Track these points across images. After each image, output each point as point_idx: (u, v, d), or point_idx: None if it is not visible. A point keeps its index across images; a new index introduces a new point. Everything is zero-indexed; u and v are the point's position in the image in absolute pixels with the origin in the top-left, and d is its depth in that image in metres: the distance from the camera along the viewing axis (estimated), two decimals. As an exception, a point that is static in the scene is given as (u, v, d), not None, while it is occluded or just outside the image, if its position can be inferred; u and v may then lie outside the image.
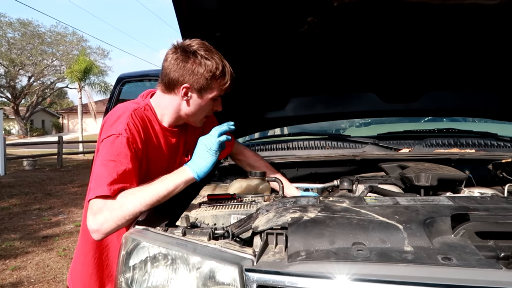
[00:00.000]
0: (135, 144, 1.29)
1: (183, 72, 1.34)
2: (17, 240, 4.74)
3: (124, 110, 1.34)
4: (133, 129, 1.30)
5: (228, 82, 1.40)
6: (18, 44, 27.28)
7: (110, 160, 1.22)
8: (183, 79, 1.35)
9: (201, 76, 1.34)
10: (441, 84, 2.11)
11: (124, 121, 1.29)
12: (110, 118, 1.34)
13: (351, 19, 1.63)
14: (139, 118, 1.34)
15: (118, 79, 4.07)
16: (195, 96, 1.39)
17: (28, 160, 12.05)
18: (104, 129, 1.32)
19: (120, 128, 1.27)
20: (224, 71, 1.37)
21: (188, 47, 1.35)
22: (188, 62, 1.33)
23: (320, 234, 0.91)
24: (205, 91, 1.38)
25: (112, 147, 1.24)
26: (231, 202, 1.35)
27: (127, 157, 1.24)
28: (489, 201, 1.08)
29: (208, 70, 1.33)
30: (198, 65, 1.33)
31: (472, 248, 0.86)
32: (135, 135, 1.29)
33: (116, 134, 1.26)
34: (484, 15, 1.57)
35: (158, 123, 1.43)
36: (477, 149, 1.95)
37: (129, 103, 1.41)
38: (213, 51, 1.38)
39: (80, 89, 19.60)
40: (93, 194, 1.19)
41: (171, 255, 0.96)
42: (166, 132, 1.45)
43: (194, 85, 1.35)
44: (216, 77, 1.36)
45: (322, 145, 2.07)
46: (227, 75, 1.39)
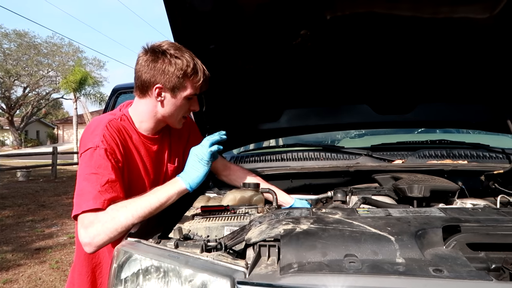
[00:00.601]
0: (113, 154, 1.28)
1: (154, 73, 1.34)
2: (9, 253, 4.67)
3: (99, 122, 1.35)
4: (110, 139, 1.29)
5: (201, 79, 1.38)
6: (14, 55, 27.27)
7: (91, 174, 1.22)
8: (155, 80, 1.34)
9: (172, 75, 1.33)
10: (434, 96, 2.14)
11: (100, 132, 1.29)
12: (86, 132, 1.34)
13: (344, 32, 1.65)
14: (115, 128, 1.33)
15: (113, 90, 4.08)
16: (169, 96, 1.38)
17: (22, 171, 11.95)
18: (81, 143, 1.32)
19: (96, 140, 1.27)
20: (195, 69, 1.36)
21: (157, 48, 1.35)
22: (158, 62, 1.33)
23: (313, 246, 0.91)
24: (178, 90, 1.37)
25: (91, 160, 1.24)
26: (225, 213, 1.35)
27: (107, 168, 1.24)
28: (480, 212, 1.09)
29: (178, 68, 1.33)
30: (168, 64, 1.33)
31: (463, 260, 0.86)
32: (112, 146, 1.29)
33: (93, 147, 1.26)
34: (475, 29, 1.60)
35: (136, 132, 1.42)
36: (470, 160, 1.96)
37: (105, 115, 1.41)
38: (183, 49, 1.37)
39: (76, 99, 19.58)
40: (78, 209, 1.18)
41: (163, 267, 0.95)
42: (146, 140, 1.45)
43: (166, 84, 1.35)
44: (188, 75, 1.35)
45: (316, 156, 2.07)
46: (199, 73, 1.38)
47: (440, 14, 1.52)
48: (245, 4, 1.50)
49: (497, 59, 1.78)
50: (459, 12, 1.52)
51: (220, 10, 1.51)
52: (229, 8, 1.50)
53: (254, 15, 1.55)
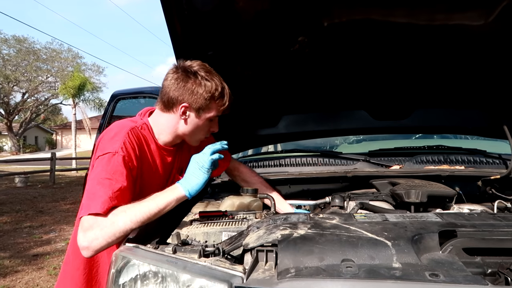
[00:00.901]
0: (130, 162, 1.30)
1: (183, 92, 1.37)
2: (6, 259, 4.65)
3: (121, 128, 1.36)
4: (130, 147, 1.30)
5: (227, 103, 1.43)
6: (13, 60, 27.33)
7: (105, 178, 1.23)
8: (182, 98, 1.37)
9: (200, 96, 1.37)
10: (431, 102, 2.15)
11: (121, 139, 1.30)
12: (106, 136, 1.35)
13: (341, 39, 1.67)
14: (135, 137, 1.35)
15: (112, 96, 4.10)
16: (193, 116, 1.41)
17: (20, 177, 11.92)
18: (100, 146, 1.33)
19: (116, 146, 1.28)
20: (223, 93, 1.41)
21: (189, 68, 1.39)
22: (188, 82, 1.36)
23: (310, 251, 0.91)
24: (203, 111, 1.40)
25: (108, 165, 1.25)
26: (223, 219, 1.36)
27: (122, 175, 1.25)
28: (477, 217, 1.10)
29: (207, 91, 1.37)
30: (198, 85, 1.36)
31: (460, 265, 0.87)
32: (131, 154, 1.30)
33: (112, 152, 1.27)
34: (470, 35, 1.62)
35: (154, 142, 1.44)
36: (467, 165, 1.97)
37: (126, 121, 1.43)
38: (213, 73, 1.41)
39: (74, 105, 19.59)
40: (86, 211, 1.19)
41: (161, 272, 0.96)
42: (162, 151, 1.47)
43: (193, 104, 1.38)
44: (215, 98, 1.39)
45: (314, 162, 2.08)
46: (226, 97, 1.42)
47: (435, 21, 1.54)
48: (243, 10, 1.51)
49: (493, 65, 1.80)
50: (455, 19, 1.54)
51: (219, 16, 1.53)
52: (228, 14, 1.52)
53: (252, 22, 1.56)
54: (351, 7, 1.51)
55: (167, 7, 1.44)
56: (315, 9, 1.51)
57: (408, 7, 1.48)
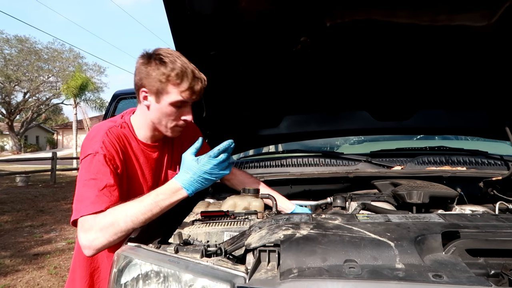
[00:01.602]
0: (112, 160, 1.29)
1: (142, 76, 1.34)
2: (7, 258, 4.65)
3: (99, 129, 1.36)
4: (110, 146, 1.30)
5: (187, 87, 1.33)
6: (14, 60, 27.34)
7: (90, 179, 1.23)
8: (141, 83, 1.35)
9: (154, 78, 1.32)
10: (432, 102, 2.15)
11: (100, 139, 1.30)
12: (86, 139, 1.35)
13: (343, 39, 1.67)
14: (114, 135, 1.34)
15: (114, 96, 4.09)
16: (153, 101, 1.36)
17: (21, 176, 11.93)
18: (82, 150, 1.33)
19: (96, 147, 1.28)
20: (181, 75, 1.31)
21: (152, 52, 1.35)
22: (148, 66, 1.33)
23: (312, 251, 0.91)
24: (161, 94, 1.34)
25: (90, 166, 1.25)
26: (225, 219, 1.35)
27: (106, 173, 1.25)
28: (480, 218, 1.09)
29: (161, 73, 1.31)
30: (155, 68, 1.32)
31: (463, 266, 0.86)
32: (112, 152, 1.30)
33: (93, 153, 1.27)
34: (473, 36, 1.62)
35: (136, 140, 1.43)
36: (468, 167, 1.97)
37: (105, 122, 1.42)
38: (177, 56, 1.34)
39: (76, 105, 19.60)
40: (77, 214, 1.19)
41: (163, 272, 0.96)
42: (145, 147, 1.45)
43: (150, 88, 1.34)
44: (171, 80, 1.31)
45: (315, 162, 2.08)
46: (186, 80, 1.32)
47: (438, 22, 1.54)
48: (245, 11, 1.51)
49: (495, 66, 1.79)
50: (457, 20, 1.54)
51: (221, 17, 1.53)
52: (230, 15, 1.52)
53: (254, 22, 1.56)
54: (353, 7, 1.50)
55: (169, 8, 1.44)
56: (317, 10, 1.51)
57: (411, 7, 1.48)
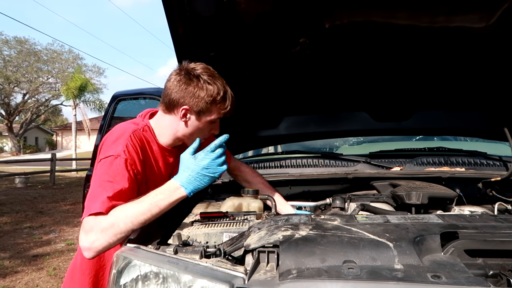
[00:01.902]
0: (133, 165, 1.30)
1: (184, 94, 1.37)
2: (6, 259, 4.64)
3: (123, 131, 1.36)
4: (132, 150, 1.31)
5: (228, 107, 1.42)
6: (14, 61, 27.34)
7: (107, 181, 1.23)
8: (184, 101, 1.37)
9: (201, 100, 1.36)
10: (431, 103, 2.15)
11: (123, 142, 1.31)
12: (109, 139, 1.35)
13: (342, 41, 1.67)
14: (138, 139, 1.35)
15: (113, 97, 4.09)
16: (194, 118, 1.41)
17: (20, 178, 11.91)
18: (103, 149, 1.33)
19: (119, 150, 1.28)
20: (225, 97, 1.40)
21: (192, 70, 1.38)
22: (191, 85, 1.36)
23: (311, 252, 0.91)
24: (204, 114, 1.40)
25: (110, 168, 1.25)
26: (224, 220, 1.35)
27: (124, 177, 1.25)
28: (478, 219, 1.10)
29: (209, 95, 1.36)
30: (200, 88, 1.36)
31: (461, 266, 0.87)
32: (133, 157, 1.31)
33: (114, 155, 1.27)
34: (472, 37, 1.62)
35: (156, 143, 1.45)
36: (467, 167, 1.97)
37: (128, 124, 1.43)
38: (217, 76, 1.41)
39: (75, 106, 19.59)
40: (87, 212, 1.19)
41: (163, 273, 0.96)
42: (164, 152, 1.47)
43: (193, 107, 1.38)
44: (217, 102, 1.39)
45: (315, 163, 2.08)
46: (228, 101, 1.41)
47: (437, 23, 1.54)
48: (245, 12, 1.52)
49: (494, 67, 1.80)
50: (456, 22, 1.54)
51: (220, 18, 1.53)
52: (229, 16, 1.52)
53: (253, 23, 1.57)
54: (352, 9, 1.51)
55: (169, 9, 1.44)
56: (316, 11, 1.51)
57: (410, 9, 1.48)
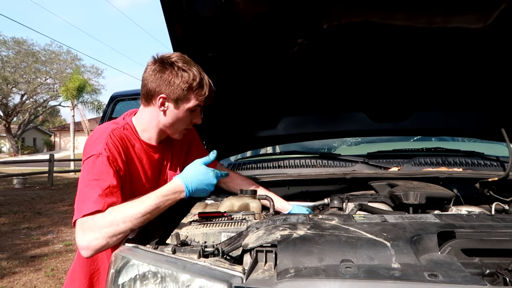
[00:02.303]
0: (115, 162, 1.30)
1: (160, 83, 1.36)
2: (4, 260, 4.63)
3: (103, 131, 1.37)
4: (113, 148, 1.31)
5: (206, 93, 1.41)
6: (12, 62, 27.28)
7: (93, 180, 1.23)
8: (160, 90, 1.37)
9: (177, 87, 1.36)
10: (429, 104, 2.16)
11: (103, 141, 1.31)
12: (89, 140, 1.36)
13: (340, 41, 1.68)
14: (117, 137, 1.36)
15: (111, 97, 4.09)
16: (172, 107, 1.40)
17: (18, 178, 11.88)
18: (85, 151, 1.34)
19: (99, 148, 1.29)
20: (201, 83, 1.39)
21: (166, 59, 1.38)
22: (165, 72, 1.36)
23: (309, 251, 0.91)
24: (182, 101, 1.39)
25: (93, 167, 1.26)
26: (222, 220, 1.35)
27: (109, 174, 1.26)
28: (475, 218, 1.10)
29: (184, 81, 1.36)
30: (174, 76, 1.36)
31: (458, 265, 0.87)
32: (115, 154, 1.31)
33: (96, 154, 1.28)
34: (469, 38, 1.63)
35: (139, 140, 1.45)
36: (465, 168, 1.98)
37: (108, 124, 1.43)
38: (192, 63, 1.40)
39: (73, 107, 19.57)
40: (79, 213, 1.19)
41: (161, 273, 0.96)
42: (148, 148, 1.47)
43: (170, 95, 1.38)
44: (193, 88, 1.38)
45: (313, 163, 2.09)
46: (205, 87, 1.40)
47: (434, 24, 1.55)
48: (243, 13, 1.52)
49: (491, 67, 1.81)
50: (453, 22, 1.55)
51: (219, 18, 1.53)
52: (228, 17, 1.52)
53: (252, 24, 1.57)
54: (350, 9, 1.52)
55: (167, 9, 1.45)
56: (314, 12, 1.52)
57: (407, 10, 1.49)
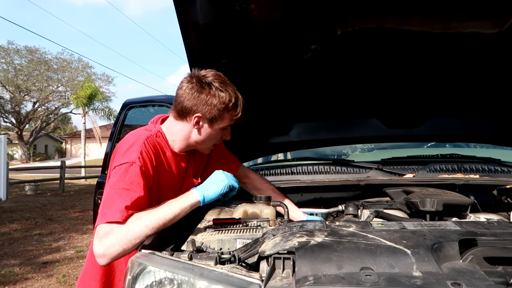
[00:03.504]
0: (147, 172, 1.31)
1: (197, 102, 1.38)
2: (16, 266, 4.67)
3: (137, 138, 1.37)
4: (146, 157, 1.32)
5: (240, 114, 1.44)
6: (24, 70, 27.79)
7: (123, 189, 1.24)
8: (196, 109, 1.38)
9: (214, 107, 1.38)
10: (444, 110, 2.14)
11: (138, 149, 1.31)
12: (122, 146, 1.36)
13: (354, 47, 1.67)
14: (151, 145, 1.37)
15: (124, 104, 4.12)
16: (206, 126, 1.42)
17: (30, 185, 12.03)
18: (117, 156, 1.34)
19: (133, 156, 1.29)
20: (236, 103, 1.42)
21: (203, 78, 1.39)
22: (203, 93, 1.37)
23: (328, 258, 0.90)
24: (216, 121, 1.42)
25: (125, 175, 1.26)
26: (237, 226, 1.35)
27: (140, 185, 1.26)
28: (496, 226, 1.08)
29: (221, 102, 1.38)
30: (212, 96, 1.37)
31: (481, 274, 0.85)
32: (147, 163, 1.32)
33: (129, 163, 1.28)
34: (485, 43, 1.61)
35: (169, 149, 1.46)
36: (481, 174, 1.95)
37: (141, 130, 1.44)
38: (227, 83, 1.42)
39: (84, 114, 19.81)
40: (103, 219, 1.19)
41: (177, 279, 0.95)
42: (176, 157, 1.48)
43: (206, 115, 1.39)
44: (229, 109, 1.40)
45: (326, 170, 2.07)
46: (239, 107, 1.43)
47: (449, 29, 1.54)
48: (257, 20, 1.53)
49: (507, 73, 1.78)
50: (469, 28, 1.54)
51: (233, 26, 1.54)
52: (241, 23, 1.53)
53: (265, 31, 1.58)
54: (364, 15, 1.51)
55: (182, 17, 1.46)
56: (328, 18, 1.52)
57: (423, 15, 1.48)
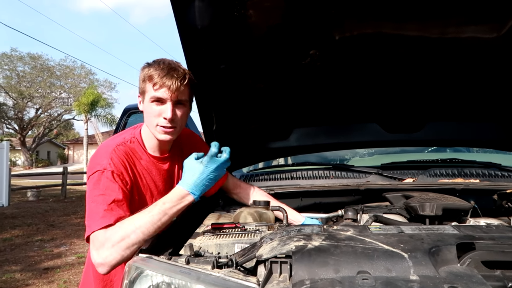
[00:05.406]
0: (121, 176, 1.31)
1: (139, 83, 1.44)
2: (17, 272, 4.67)
3: (107, 146, 1.38)
4: (118, 162, 1.32)
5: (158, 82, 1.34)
6: (27, 77, 28.00)
7: (99, 195, 1.24)
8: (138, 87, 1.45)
9: (140, 81, 1.42)
10: (443, 114, 2.13)
11: (108, 156, 1.32)
12: (94, 156, 1.38)
13: (353, 52, 1.68)
14: (122, 152, 1.37)
15: (124, 110, 4.13)
16: (142, 102, 1.45)
17: (32, 191, 12.05)
18: (89, 167, 1.35)
19: (104, 163, 1.30)
20: (156, 73, 1.35)
21: None
22: None
23: (325, 262, 0.90)
24: (144, 94, 1.42)
25: (98, 182, 1.27)
26: (235, 231, 1.35)
27: (114, 189, 1.26)
28: (495, 230, 1.07)
29: (144, 74, 1.39)
30: (141, 71, 1.41)
31: (479, 278, 0.85)
32: (120, 168, 1.32)
33: (101, 170, 1.28)
34: (483, 48, 1.62)
35: (146, 153, 1.45)
36: (481, 179, 1.94)
37: (111, 140, 1.45)
38: (164, 61, 1.41)
39: (87, 120, 19.89)
40: (89, 230, 1.20)
41: (175, 283, 0.95)
42: (155, 160, 1.47)
43: (139, 90, 1.44)
44: (149, 78, 1.38)
45: (326, 175, 2.07)
46: (159, 76, 1.34)
47: (447, 34, 1.55)
48: (255, 25, 1.54)
49: (505, 77, 1.78)
50: (466, 32, 1.54)
51: (231, 31, 1.55)
52: (240, 29, 1.54)
53: (264, 36, 1.58)
54: (362, 20, 1.52)
55: (180, 23, 1.47)
56: (326, 23, 1.53)
57: (420, 20, 1.49)
